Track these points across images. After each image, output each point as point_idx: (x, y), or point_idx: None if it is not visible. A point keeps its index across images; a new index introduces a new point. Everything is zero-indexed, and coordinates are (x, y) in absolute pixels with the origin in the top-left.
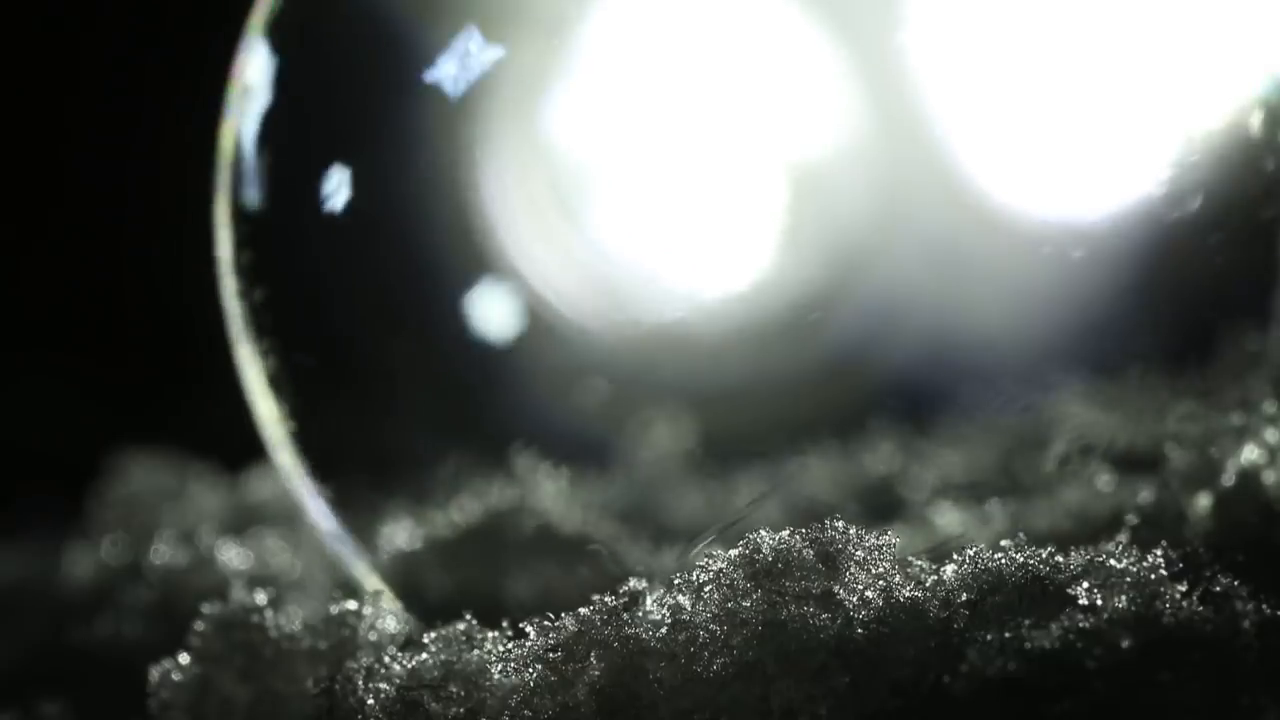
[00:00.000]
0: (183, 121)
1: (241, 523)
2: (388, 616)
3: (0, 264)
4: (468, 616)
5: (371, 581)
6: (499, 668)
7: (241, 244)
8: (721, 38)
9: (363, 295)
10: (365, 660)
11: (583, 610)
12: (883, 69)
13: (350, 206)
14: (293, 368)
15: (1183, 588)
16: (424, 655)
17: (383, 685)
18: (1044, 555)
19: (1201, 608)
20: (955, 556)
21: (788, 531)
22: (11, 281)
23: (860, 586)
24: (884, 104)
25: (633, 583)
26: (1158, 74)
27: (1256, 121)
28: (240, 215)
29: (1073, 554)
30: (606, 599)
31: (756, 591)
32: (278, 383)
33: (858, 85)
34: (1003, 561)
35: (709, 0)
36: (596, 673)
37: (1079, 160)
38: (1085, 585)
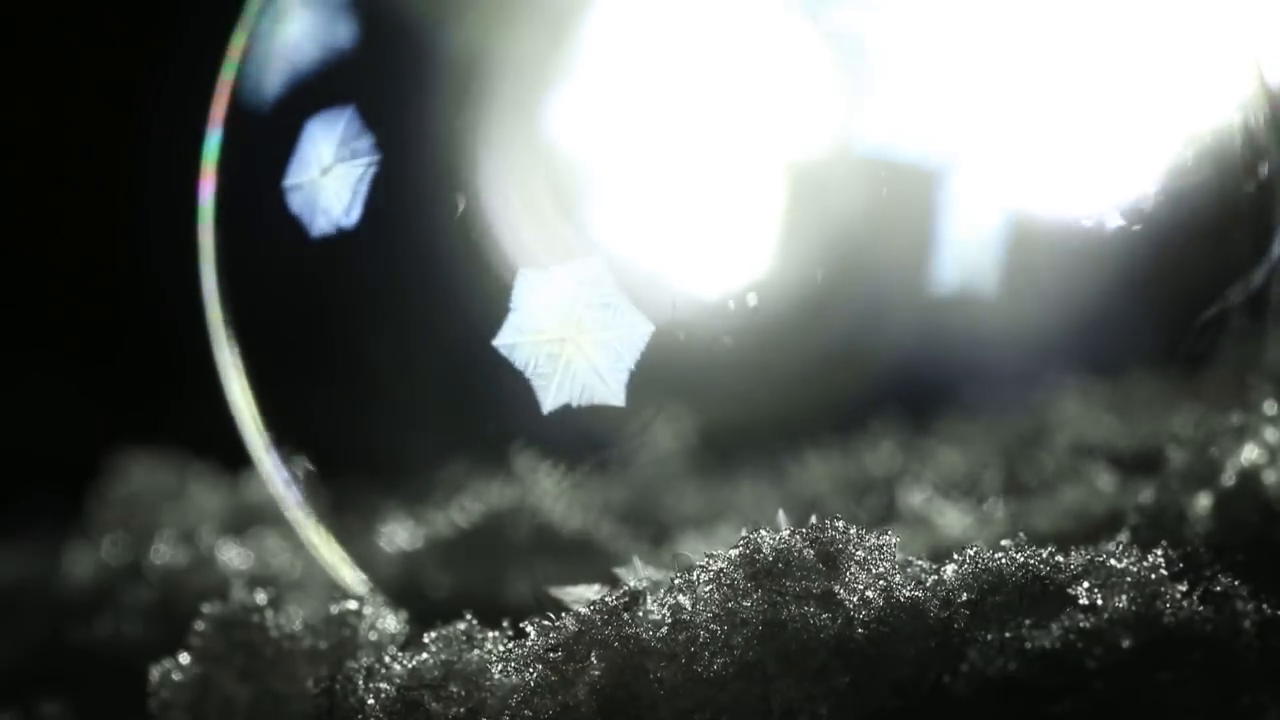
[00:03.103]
0: (185, 117)
1: (241, 523)
2: (388, 616)
3: (0, 264)
4: (468, 616)
5: (360, 584)
6: (499, 668)
7: (237, 245)
8: (721, 38)
9: (363, 295)
10: (365, 660)
11: (583, 610)
12: (883, 69)
13: (350, 206)
14: (291, 369)
15: (1183, 588)
16: (424, 655)
17: (383, 685)
18: (1044, 555)
19: (1201, 608)
20: (955, 556)
21: (788, 531)
22: (11, 281)
23: (860, 586)
24: (884, 104)
25: (633, 583)
26: (1157, 73)
27: (1255, 121)
28: (235, 215)
29: (1073, 554)
30: (606, 599)
31: (756, 591)
32: (276, 383)
33: (857, 85)
34: (1003, 561)
35: (709, 0)
36: (596, 673)
37: (1079, 160)
38: (1085, 585)
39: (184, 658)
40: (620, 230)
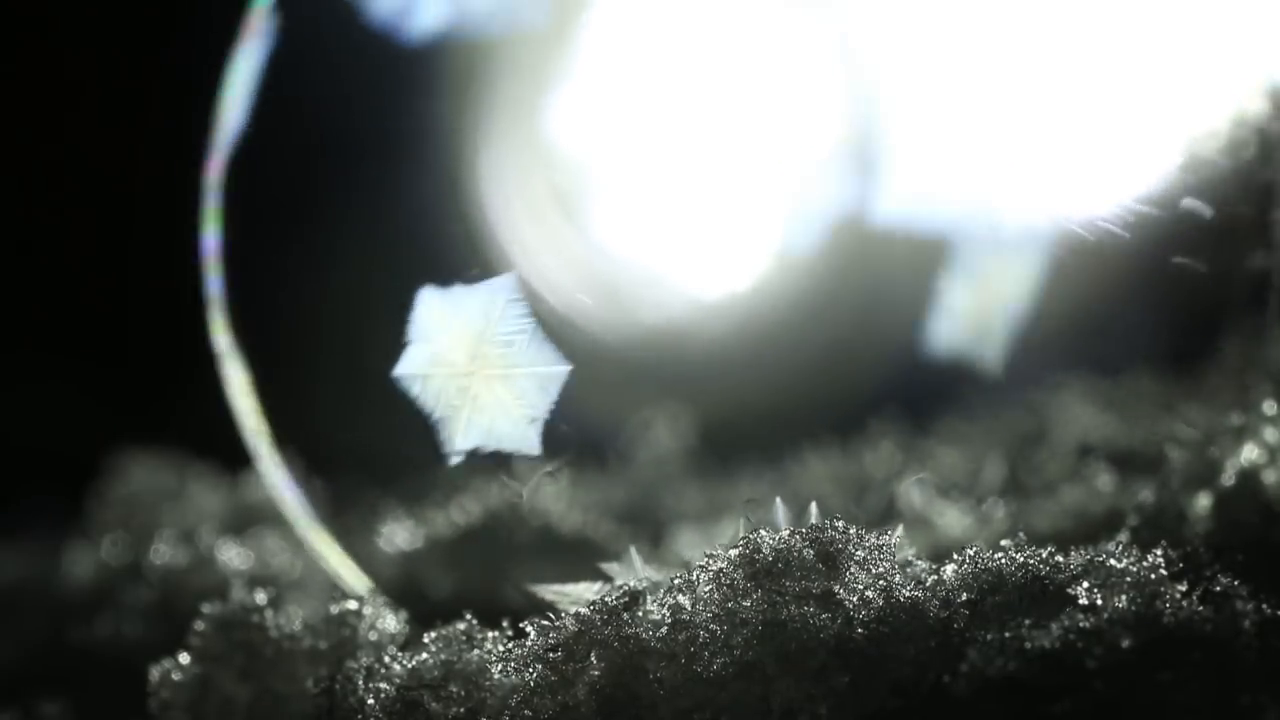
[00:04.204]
0: (186, 118)
1: (241, 523)
2: (388, 616)
3: (0, 264)
4: (468, 616)
5: (361, 585)
6: (499, 668)
7: (237, 245)
8: (722, 38)
9: (363, 295)
10: (365, 660)
11: (583, 610)
12: (883, 68)
13: (350, 205)
14: (291, 369)
15: (1183, 588)
16: (424, 655)
17: (383, 685)
18: (1044, 555)
19: (1201, 608)
20: (955, 556)
21: (788, 531)
22: (11, 281)
23: (860, 586)
24: (883, 103)
25: (631, 581)
26: (1157, 73)
27: (1256, 121)
28: (235, 215)
29: (1073, 554)
30: (606, 599)
31: (756, 591)
32: (275, 384)
33: (857, 84)
34: (1003, 561)
35: (709, 0)
36: (596, 673)
37: (1079, 160)
38: (1085, 585)
39: (184, 658)
40: (620, 230)
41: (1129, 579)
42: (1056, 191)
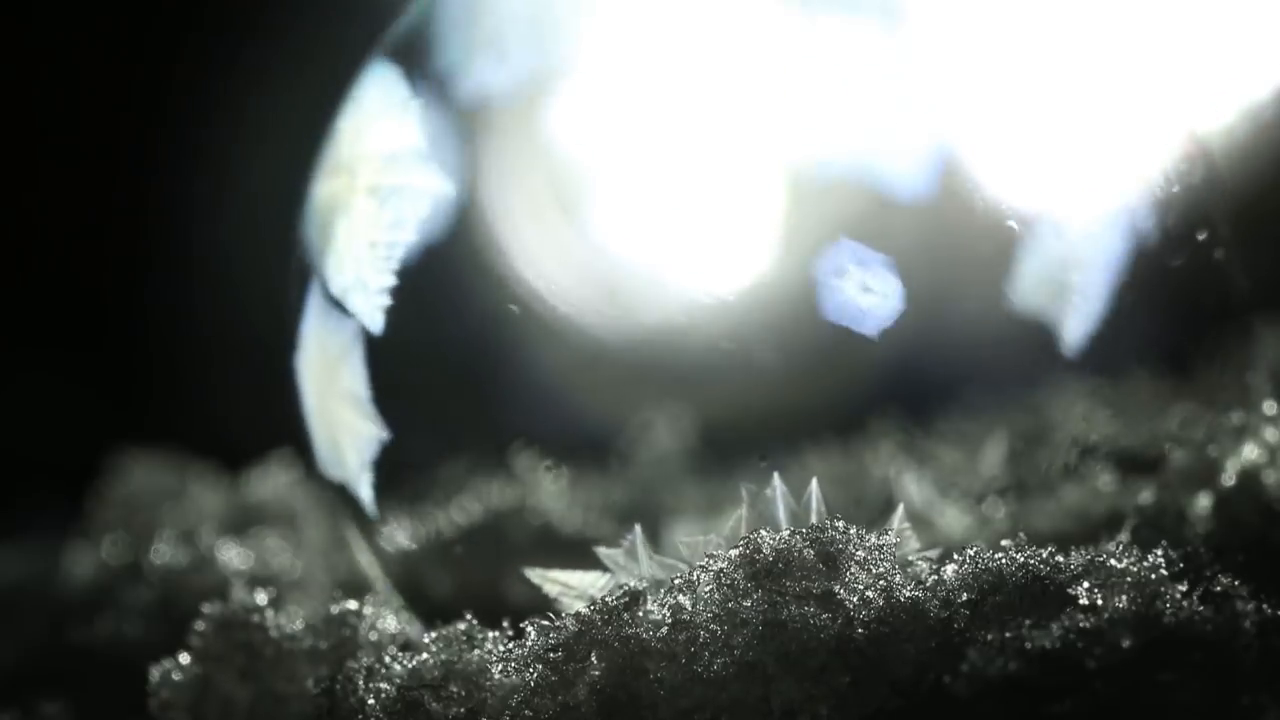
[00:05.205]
0: (182, 121)
1: (241, 523)
2: (388, 616)
3: (0, 264)
4: (468, 616)
5: (374, 579)
6: (499, 668)
7: (240, 247)
8: (721, 38)
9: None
10: (365, 660)
11: (583, 610)
12: (883, 68)
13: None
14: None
15: (1183, 588)
16: (424, 655)
17: (383, 685)
18: (1044, 555)
19: (1201, 608)
20: (955, 556)
21: (788, 531)
22: (11, 281)
23: (860, 586)
24: (884, 103)
25: (633, 583)
26: (1158, 72)
27: (1256, 121)
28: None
29: (1073, 554)
30: (606, 599)
31: (756, 591)
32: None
33: (857, 84)
34: (1003, 561)
35: (709, 1)
36: (596, 673)
37: (1079, 160)
38: (1085, 585)
39: (184, 658)
40: (620, 230)
41: (1129, 579)
42: (1057, 191)
